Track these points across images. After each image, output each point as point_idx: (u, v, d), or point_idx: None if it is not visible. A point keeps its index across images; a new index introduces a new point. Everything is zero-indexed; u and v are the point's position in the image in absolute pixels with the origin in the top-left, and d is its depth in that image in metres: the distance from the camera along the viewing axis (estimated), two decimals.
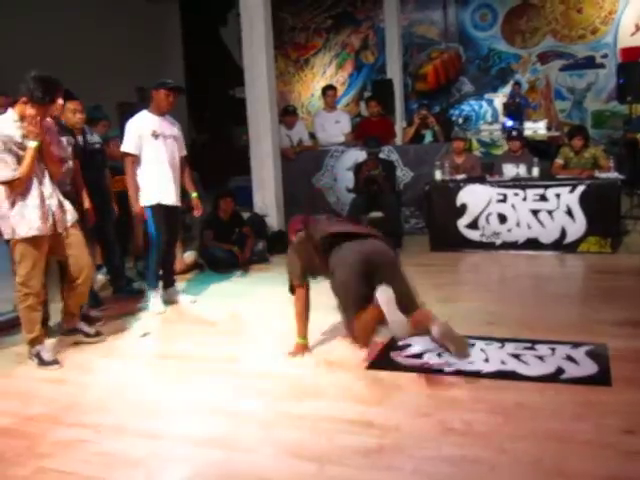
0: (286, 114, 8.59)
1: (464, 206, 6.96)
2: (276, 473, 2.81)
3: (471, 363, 3.83)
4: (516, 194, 6.76)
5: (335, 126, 8.75)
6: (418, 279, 4.31)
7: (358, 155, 8.00)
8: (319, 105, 12.27)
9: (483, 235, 6.90)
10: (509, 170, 7.17)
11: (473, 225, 6.93)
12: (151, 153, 5.29)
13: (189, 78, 14.26)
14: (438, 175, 7.23)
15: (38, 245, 4.20)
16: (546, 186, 6.69)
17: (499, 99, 12.64)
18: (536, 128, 10.56)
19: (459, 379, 3.64)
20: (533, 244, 6.71)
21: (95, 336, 4.74)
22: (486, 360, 3.86)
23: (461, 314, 4.23)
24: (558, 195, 6.60)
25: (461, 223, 6.98)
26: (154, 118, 5.35)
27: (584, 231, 6.54)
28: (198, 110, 14.16)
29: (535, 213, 6.69)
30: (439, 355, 3.98)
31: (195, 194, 5.66)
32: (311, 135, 9.09)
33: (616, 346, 3.94)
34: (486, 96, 12.93)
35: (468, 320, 4.50)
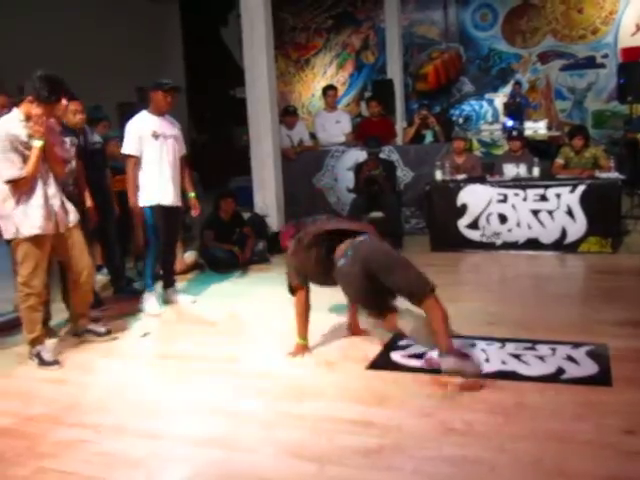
0: (286, 114, 8.59)
1: (464, 206, 6.96)
2: (276, 473, 2.81)
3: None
4: (516, 194, 6.75)
5: (336, 126, 8.75)
6: None
7: (358, 155, 8.00)
8: (319, 105, 12.27)
9: (483, 235, 6.89)
10: (509, 170, 7.17)
11: (473, 225, 6.93)
12: (152, 154, 5.28)
13: (189, 78, 14.28)
14: (438, 175, 7.23)
15: (41, 245, 4.20)
16: (546, 186, 6.68)
17: (499, 99, 12.63)
18: (536, 128, 10.57)
19: (459, 379, 3.64)
20: (533, 244, 6.71)
21: (106, 335, 4.76)
22: (487, 360, 3.86)
23: (462, 314, 4.22)
24: (558, 195, 6.60)
25: (461, 223, 6.97)
26: (154, 118, 5.34)
27: (584, 231, 6.54)
28: (198, 110, 14.16)
29: (535, 213, 6.69)
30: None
31: (193, 194, 5.64)
32: (311, 135, 9.09)
33: (617, 346, 3.94)
34: (486, 96, 12.92)
35: (469, 320, 4.50)
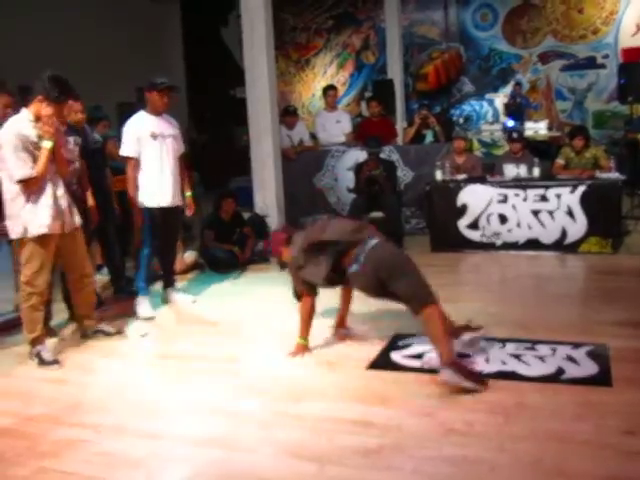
0: (287, 114, 8.59)
1: (465, 206, 6.95)
2: (276, 473, 2.81)
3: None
4: (517, 194, 6.75)
5: (336, 126, 8.74)
6: None
7: (359, 155, 8.00)
8: (320, 105, 12.27)
9: (483, 235, 6.89)
10: (510, 170, 7.17)
11: (474, 225, 6.93)
12: (151, 154, 5.23)
13: (190, 78, 14.28)
14: (439, 175, 7.22)
15: (46, 244, 4.23)
16: (547, 186, 6.68)
17: (500, 99, 12.63)
18: (537, 128, 10.57)
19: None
20: (534, 244, 6.70)
21: (116, 334, 4.78)
22: (487, 360, 3.86)
23: (462, 314, 4.22)
24: (559, 195, 6.59)
25: (462, 223, 6.97)
26: (152, 119, 5.29)
27: (585, 231, 6.53)
28: (199, 110, 14.16)
29: (536, 213, 6.68)
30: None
31: (189, 193, 5.61)
32: (312, 135, 9.09)
33: (617, 346, 3.94)
34: (487, 96, 12.91)
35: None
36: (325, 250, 3.94)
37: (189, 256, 6.89)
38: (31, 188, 4.13)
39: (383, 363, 3.96)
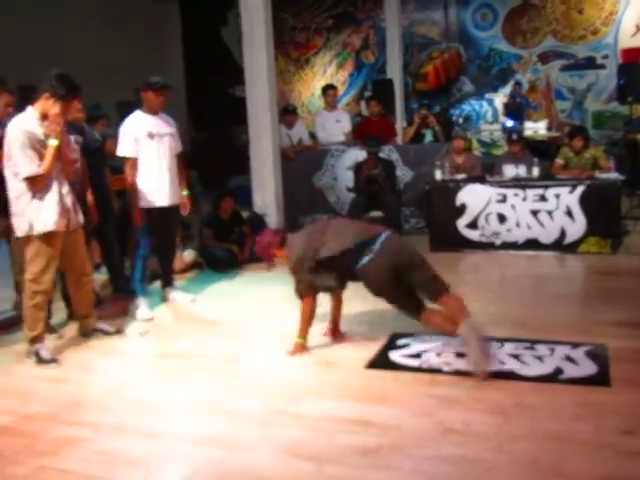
0: (286, 113, 8.59)
1: (464, 206, 6.95)
2: (275, 472, 2.81)
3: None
4: (516, 194, 6.75)
5: (335, 125, 8.74)
6: None
7: (358, 154, 7.99)
8: (319, 104, 12.26)
9: (483, 235, 6.89)
10: (509, 170, 7.17)
11: (473, 225, 6.93)
12: (149, 154, 5.20)
13: (189, 77, 14.26)
14: (438, 175, 7.22)
15: (52, 242, 4.24)
16: (546, 186, 6.68)
17: (499, 99, 12.61)
18: (536, 128, 10.57)
19: (458, 379, 3.65)
20: (533, 244, 6.71)
21: (115, 333, 4.78)
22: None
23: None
24: (558, 195, 6.60)
25: (461, 223, 6.97)
26: (148, 118, 5.25)
27: (584, 231, 6.54)
28: (198, 109, 14.14)
29: (535, 213, 6.68)
30: (438, 355, 3.98)
31: (186, 192, 5.57)
32: (311, 134, 9.09)
33: (616, 347, 3.94)
34: (486, 96, 12.90)
35: None
36: (333, 263, 3.97)
37: (188, 255, 6.89)
38: (37, 186, 4.13)
39: (382, 363, 3.97)
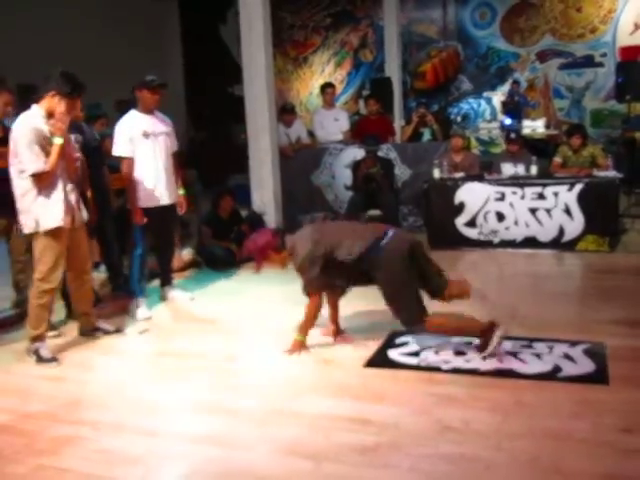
0: (284, 112, 8.59)
1: (462, 204, 6.96)
2: (273, 470, 2.82)
3: (468, 361, 3.85)
4: (514, 192, 6.76)
5: (334, 124, 8.73)
6: None
7: (356, 153, 8.00)
8: (317, 103, 12.26)
9: (481, 233, 6.90)
10: (507, 168, 7.18)
11: (471, 223, 6.93)
12: (144, 154, 5.17)
13: (188, 76, 14.26)
14: (436, 173, 7.22)
15: (59, 238, 4.24)
16: (544, 184, 6.69)
17: (498, 97, 12.61)
18: (535, 126, 10.58)
19: (457, 377, 3.65)
20: (531, 242, 6.71)
21: (115, 332, 4.79)
22: (483, 358, 3.87)
23: (459, 312, 4.23)
24: (556, 193, 6.60)
25: (459, 221, 6.97)
26: (143, 117, 5.23)
27: (582, 229, 6.55)
28: (197, 108, 14.14)
29: (533, 211, 6.69)
30: (436, 353, 3.99)
31: (182, 192, 5.55)
32: (309, 133, 9.09)
33: (613, 345, 3.95)
34: (485, 94, 12.90)
35: None
36: (343, 265, 3.98)
37: (186, 254, 6.89)
38: (43, 183, 4.15)
39: (380, 361, 3.97)
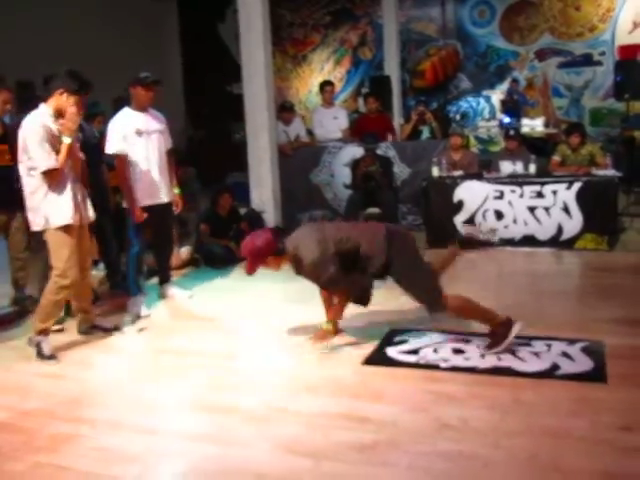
0: (283, 110, 8.58)
1: (461, 203, 6.96)
2: (271, 468, 2.82)
3: (467, 359, 3.85)
4: (513, 191, 6.76)
5: (333, 122, 8.72)
6: None
7: (355, 151, 7.99)
8: (317, 101, 12.26)
9: (480, 232, 6.90)
10: (506, 167, 7.17)
11: (470, 222, 6.94)
12: (138, 152, 5.14)
13: (187, 74, 14.25)
14: (435, 171, 7.22)
15: (70, 233, 4.26)
16: (543, 183, 6.69)
17: (497, 96, 12.63)
18: (533, 125, 10.58)
19: (455, 375, 3.66)
20: (530, 241, 6.72)
21: (113, 330, 4.78)
22: (482, 356, 3.87)
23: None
24: (555, 192, 6.60)
25: (458, 219, 6.98)
26: (137, 115, 5.19)
27: (581, 228, 6.55)
28: (196, 106, 14.14)
29: (532, 210, 6.69)
30: (435, 351, 3.99)
31: (177, 190, 5.52)
32: (308, 131, 9.08)
33: (612, 343, 3.95)
34: (484, 93, 12.91)
35: None
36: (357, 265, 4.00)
37: (185, 251, 6.89)
38: (53, 180, 4.16)
39: (378, 359, 3.97)
